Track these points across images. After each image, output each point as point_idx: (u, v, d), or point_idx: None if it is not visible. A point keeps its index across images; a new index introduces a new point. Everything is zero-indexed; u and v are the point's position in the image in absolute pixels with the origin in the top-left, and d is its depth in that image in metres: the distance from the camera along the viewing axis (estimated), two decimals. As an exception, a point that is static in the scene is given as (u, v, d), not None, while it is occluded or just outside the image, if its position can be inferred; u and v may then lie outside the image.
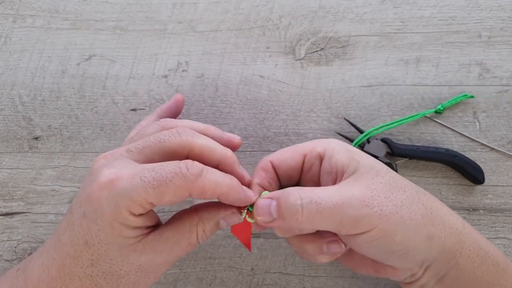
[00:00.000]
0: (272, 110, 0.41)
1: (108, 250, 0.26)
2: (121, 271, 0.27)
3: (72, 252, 0.27)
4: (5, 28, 0.42)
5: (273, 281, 0.39)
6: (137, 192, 0.25)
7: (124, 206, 0.25)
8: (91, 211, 0.26)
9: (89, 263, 0.26)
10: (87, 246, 0.26)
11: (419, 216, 0.28)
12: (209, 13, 0.42)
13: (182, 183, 0.25)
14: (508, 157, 0.40)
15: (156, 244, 0.27)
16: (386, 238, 0.27)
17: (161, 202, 0.26)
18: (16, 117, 0.41)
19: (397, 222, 0.27)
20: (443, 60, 0.41)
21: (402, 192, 0.28)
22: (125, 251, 0.26)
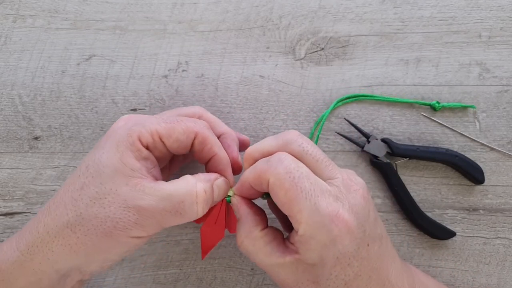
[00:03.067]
0: (272, 110, 0.41)
1: (102, 173, 0.26)
2: (105, 200, 0.26)
3: (69, 180, 0.28)
4: (5, 28, 0.42)
5: (273, 281, 0.39)
6: (151, 122, 0.28)
7: (135, 131, 0.27)
8: (104, 138, 0.29)
9: (79, 186, 0.27)
10: (86, 169, 0.27)
11: None
12: (209, 13, 0.42)
13: (192, 124, 0.29)
14: (508, 157, 0.40)
15: (148, 187, 0.27)
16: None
17: (170, 138, 0.28)
18: (16, 117, 0.41)
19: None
20: (443, 60, 0.41)
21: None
22: (118, 179, 0.26)
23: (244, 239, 0.28)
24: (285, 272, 0.27)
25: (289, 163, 0.27)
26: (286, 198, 0.26)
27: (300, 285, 0.27)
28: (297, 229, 0.26)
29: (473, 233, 0.39)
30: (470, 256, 0.39)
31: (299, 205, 0.26)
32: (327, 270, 0.26)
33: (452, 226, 0.39)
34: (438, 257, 0.39)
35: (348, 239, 0.26)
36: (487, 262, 0.39)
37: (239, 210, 0.30)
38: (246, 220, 0.29)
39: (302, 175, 0.26)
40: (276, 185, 0.26)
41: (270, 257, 0.27)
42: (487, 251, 0.39)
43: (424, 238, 0.39)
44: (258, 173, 0.27)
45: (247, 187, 0.29)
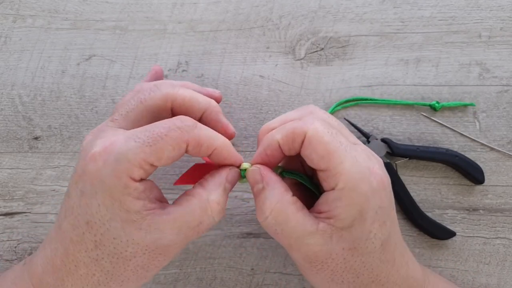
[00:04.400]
0: (272, 110, 0.41)
1: (111, 228, 0.24)
2: (126, 253, 0.25)
3: (74, 237, 0.25)
4: (5, 28, 0.42)
5: (273, 281, 0.39)
6: (134, 153, 0.24)
7: (122, 171, 0.24)
8: (89, 185, 0.24)
9: (93, 246, 0.25)
10: (88, 226, 0.25)
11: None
12: (209, 13, 0.42)
13: (178, 134, 0.25)
14: (508, 157, 0.40)
15: (162, 222, 0.25)
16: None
17: (161, 159, 0.25)
18: (16, 117, 0.41)
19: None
20: (443, 60, 0.41)
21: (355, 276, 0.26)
22: (129, 229, 0.24)
23: (275, 205, 0.26)
24: (318, 242, 0.25)
25: (326, 119, 0.26)
26: (325, 150, 0.25)
27: (334, 256, 0.25)
28: (336, 184, 0.25)
29: (473, 233, 0.39)
30: (470, 256, 0.39)
31: (340, 157, 0.25)
32: (367, 227, 0.25)
33: (452, 226, 0.39)
34: (438, 257, 0.39)
35: (384, 194, 0.25)
36: (487, 262, 0.39)
37: (265, 177, 0.27)
38: (275, 186, 0.27)
39: (339, 132, 0.26)
40: (315, 138, 0.25)
41: (303, 225, 0.25)
42: (487, 251, 0.39)
43: (424, 238, 0.39)
44: (291, 129, 0.26)
45: (273, 149, 0.27)
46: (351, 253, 0.25)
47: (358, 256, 0.25)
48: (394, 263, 0.27)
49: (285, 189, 0.27)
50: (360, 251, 0.25)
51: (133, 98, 0.28)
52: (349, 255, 0.25)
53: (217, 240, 0.39)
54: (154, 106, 0.27)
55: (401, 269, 0.27)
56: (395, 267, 0.27)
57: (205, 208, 0.26)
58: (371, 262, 0.26)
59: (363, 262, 0.26)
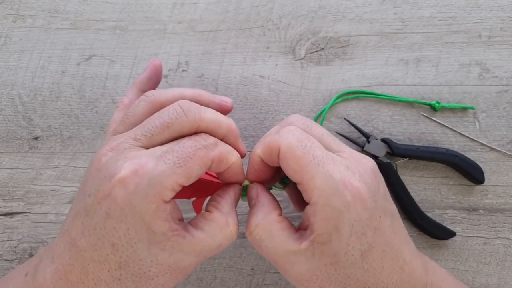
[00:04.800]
0: (272, 110, 0.41)
1: (138, 250, 0.25)
2: (150, 273, 0.25)
3: (96, 256, 0.25)
4: (5, 28, 0.42)
5: (273, 281, 0.39)
6: (166, 175, 0.24)
7: (155, 195, 0.24)
8: (118, 209, 0.24)
9: (117, 266, 0.25)
10: (114, 248, 0.25)
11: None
12: (209, 13, 0.42)
13: (205, 153, 0.25)
14: (508, 157, 0.40)
15: (185, 245, 0.25)
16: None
17: (190, 179, 0.25)
18: (16, 117, 0.41)
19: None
20: (443, 60, 0.41)
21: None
22: (154, 250, 0.25)
23: (260, 221, 0.27)
24: (301, 260, 0.26)
25: (300, 133, 0.26)
26: (298, 165, 0.25)
27: (318, 273, 0.26)
28: (310, 198, 0.25)
29: (473, 233, 0.39)
30: (470, 256, 0.39)
31: (311, 172, 0.25)
32: (344, 241, 0.25)
33: (452, 226, 0.39)
34: (438, 257, 0.39)
35: (360, 206, 0.25)
36: (487, 262, 0.39)
37: (258, 194, 0.28)
38: (264, 204, 0.27)
39: (314, 144, 0.26)
40: (288, 152, 0.25)
41: (285, 243, 0.26)
42: (487, 251, 0.39)
43: (424, 238, 0.39)
44: (267, 143, 0.27)
45: (257, 163, 0.28)
46: (334, 268, 0.26)
47: (341, 269, 0.26)
48: (382, 270, 0.27)
49: (274, 207, 0.27)
50: (341, 264, 0.26)
51: (158, 120, 0.27)
52: (332, 269, 0.26)
53: (217, 240, 0.39)
54: (180, 131, 0.27)
55: (394, 274, 0.27)
56: (385, 273, 0.27)
57: (226, 232, 0.27)
58: (355, 273, 0.26)
59: (346, 274, 0.26)
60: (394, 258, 0.27)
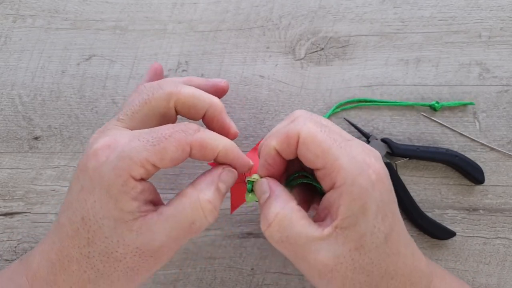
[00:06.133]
0: (272, 110, 0.41)
1: (103, 226, 0.24)
2: (117, 254, 0.25)
3: (70, 231, 0.25)
4: (5, 28, 0.42)
5: (273, 281, 0.39)
6: (137, 151, 0.24)
7: (123, 169, 0.24)
8: (88, 181, 0.24)
9: (86, 242, 0.25)
10: (83, 222, 0.25)
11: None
12: (209, 13, 0.42)
13: (182, 136, 0.25)
14: (508, 157, 0.40)
15: (153, 223, 0.25)
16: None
17: (163, 160, 0.25)
18: (16, 117, 0.41)
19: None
20: (443, 60, 0.41)
21: (365, 275, 0.26)
22: (120, 229, 0.24)
23: (280, 210, 0.26)
24: (324, 248, 0.25)
25: (316, 119, 0.26)
26: (320, 149, 0.25)
27: (342, 260, 0.25)
28: (334, 182, 0.25)
29: (473, 233, 0.39)
30: (470, 256, 0.39)
31: (335, 154, 0.25)
32: (370, 222, 0.25)
33: (452, 226, 0.39)
34: (438, 257, 0.39)
35: (383, 187, 0.25)
36: (487, 262, 0.39)
37: (271, 187, 0.27)
38: (280, 194, 0.27)
39: (331, 129, 0.26)
40: (309, 138, 0.25)
41: (307, 231, 0.25)
42: (487, 251, 0.39)
43: (424, 238, 0.39)
44: (285, 133, 0.26)
45: (272, 156, 0.27)
46: (358, 252, 0.25)
47: (365, 253, 0.25)
48: (399, 255, 0.26)
49: (290, 197, 0.27)
50: (366, 248, 0.25)
51: (137, 99, 0.28)
52: (357, 254, 0.25)
53: (217, 240, 0.39)
54: (158, 106, 0.28)
55: (407, 260, 0.27)
56: (401, 258, 0.27)
57: (196, 208, 0.26)
58: (378, 257, 0.25)
59: (371, 258, 0.25)
60: (407, 243, 0.27)
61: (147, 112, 0.27)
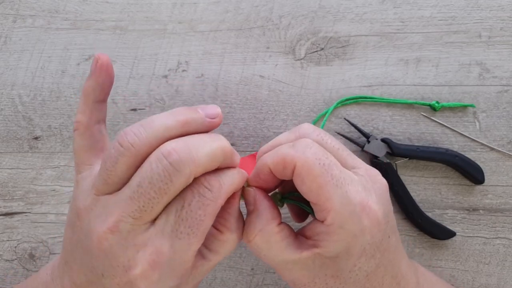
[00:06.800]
0: (272, 110, 0.41)
1: None
2: None
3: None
4: (5, 28, 0.42)
5: (273, 281, 0.39)
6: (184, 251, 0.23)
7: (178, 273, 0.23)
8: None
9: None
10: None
11: None
12: (209, 13, 0.42)
13: (213, 206, 0.23)
14: (508, 157, 0.40)
15: (205, 270, 0.26)
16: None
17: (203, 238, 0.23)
18: (16, 117, 0.41)
19: None
20: (443, 60, 0.41)
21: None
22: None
23: (258, 232, 0.26)
24: (300, 268, 0.26)
25: (317, 149, 0.25)
26: (314, 184, 0.24)
27: (317, 280, 0.26)
28: (324, 218, 0.25)
29: (473, 233, 0.39)
30: (470, 256, 0.39)
31: (329, 193, 0.24)
32: (352, 262, 0.25)
33: (452, 226, 0.39)
34: (438, 257, 0.39)
35: (376, 229, 0.25)
36: (487, 262, 0.39)
37: (256, 201, 0.27)
38: (263, 213, 0.26)
39: (332, 162, 0.25)
40: (305, 170, 0.24)
41: (284, 253, 0.26)
42: (487, 251, 0.39)
43: (424, 238, 0.39)
44: (282, 157, 0.25)
45: (265, 173, 0.26)
46: (333, 280, 0.25)
47: (340, 283, 0.25)
48: (381, 287, 0.27)
49: (272, 217, 0.26)
50: (342, 279, 0.25)
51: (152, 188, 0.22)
52: (332, 281, 0.26)
53: (217, 240, 0.39)
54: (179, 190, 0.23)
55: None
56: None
57: (235, 244, 0.27)
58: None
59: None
60: (393, 275, 0.27)
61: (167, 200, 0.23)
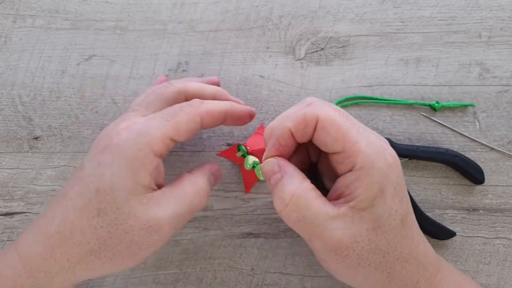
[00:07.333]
0: (272, 110, 0.41)
1: (117, 197, 0.26)
2: (126, 225, 0.26)
3: (78, 203, 0.26)
4: (5, 28, 0.42)
5: (273, 281, 0.39)
6: (155, 127, 0.27)
7: (145, 143, 0.27)
8: (109, 157, 0.27)
9: (96, 213, 0.26)
10: (97, 193, 0.26)
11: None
12: (209, 13, 0.42)
13: (191, 109, 0.29)
14: (508, 157, 0.40)
15: (160, 199, 0.27)
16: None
17: (179, 132, 0.28)
18: (16, 117, 0.41)
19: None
20: (443, 60, 0.41)
21: (381, 256, 0.26)
22: (133, 201, 0.26)
23: (295, 191, 0.26)
24: (340, 227, 0.25)
25: (332, 105, 0.27)
26: (340, 132, 0.25)
27: (359, 239, 0.25)
28: (353, 165, 0.25)
29: (473, 233, 0.39)
30: (470, 256, 0.39)
31: (354, 137, 0.25)
32: (388, 205, 0.25)
33: (452, 226, 0.39)
34: (438, 257, 0.39)
35: (398, 170, 0.26)
36: (487, 262, 0.39)
37: (282, 167, 0.27)
38: (293, 174, 0.27)
39: (348, 114, 0.27)
40: (329, 121, 0.25)
41: (324, 210, 0.25)
42: (487, 251, 0.39)
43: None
44: (303, 115, 0.26)
45: (285, 137, 0.27)
46: (375, 233, 0.25)
47: (382, 234, 0.25)
48: (413, 239, 0.27)
49: (303, 177, 0.27)
50: (383, 228, 0.25)
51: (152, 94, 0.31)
52: (373, 235, 0.25)
53: (217, 240, 0.39)
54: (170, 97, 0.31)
55: (420, 245, 0.27)
56: (415, 242, 0.27)
57: (195, 189, 0.29)
58: (394, 239, 0.26)
59: (387, 240, 0.25)
60: (418, 230, 0.28)
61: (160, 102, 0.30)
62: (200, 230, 0.39)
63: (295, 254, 0.39)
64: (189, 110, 0.29)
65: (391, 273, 0.26)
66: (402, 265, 0.26)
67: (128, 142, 0.27)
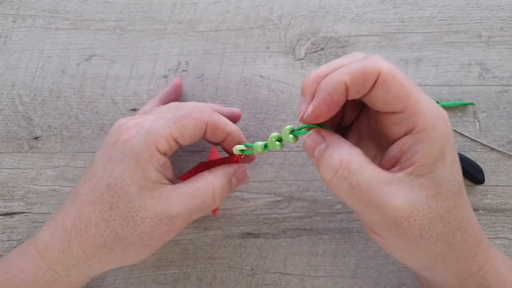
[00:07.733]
0: (272, 110, 0.41)
1: (129, 191, 0.27)
2: (137, 217, 0.27)
3: (92, 198, 0.28)
4: (5, 28, 0.42)
5: (273, 281, 0.39)
6: (162, 127, 0.28)
7: (151, 142, 0.27)
8: (118, 153, 0.28)
9: (108, 207, 0.27)
10: (108, 188, 0.27)
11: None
12: (209, 13, 0.42)
13: (199, 115, 0.29)
14: (508, 157, 0.40)
15: (172, 194, 0.28)
16: None
17: (183, 136, 0.29)
18: (16, 117, 0.41)
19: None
20: (443, 60, 0.41)
21: (443, 225, 0.24)
22: (144, 195, 0.27)
23: (345, 156, 0.23)
24: (399, 192, 0.23)
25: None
26: (402, 89, 0.23)
27: (419, 207, 0.23)
28: (414, 126, 0.23)
29: (473, 233, 0.39)
30: (470, 256, 0.39)
31: (417, 96, 0.23)
32: (448, 169, 0.23)
33: (452, 226, 0.39)
34: (438, 257, 0.39)
35: (453, 137, 0.25)
36: (487, 262, 0.39)
37: (326, 136, 0.25)
38: (340, 141, 0.25)
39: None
40: (391, 76, 0.23)
41: (378, 174, 0.23)
42: (487, 251, 0.39)
43: (424, 238, 0.39)
44: (361, 68, 0.23)
45: (339, 92, 0.24)
46: (435, 200, 0.23)
47: (443, 201, 0.23)
48: (469, 208, 0.26)
49: (351, 144, 0.25)
50: (444, 195, 0.23)
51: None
52: (434, 202, 0.23)
53: (217, 240, 0.39)
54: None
55: (474, 218, 0.26)
56: (471, 214, 0.26)
57: (209, 189, 0.29)
58: (455, 207, 0.24)
59: (448, 207, 0.24)
60: (469, 204, 0.26)
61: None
62: (200, 230, 0.39)
63: (295, 254, 0.39)
64: (197, 116, 0.29)
65: (453, 244, 0.24)
66: (462, 236, 0.25)
67: (136, 139, 0.28)
